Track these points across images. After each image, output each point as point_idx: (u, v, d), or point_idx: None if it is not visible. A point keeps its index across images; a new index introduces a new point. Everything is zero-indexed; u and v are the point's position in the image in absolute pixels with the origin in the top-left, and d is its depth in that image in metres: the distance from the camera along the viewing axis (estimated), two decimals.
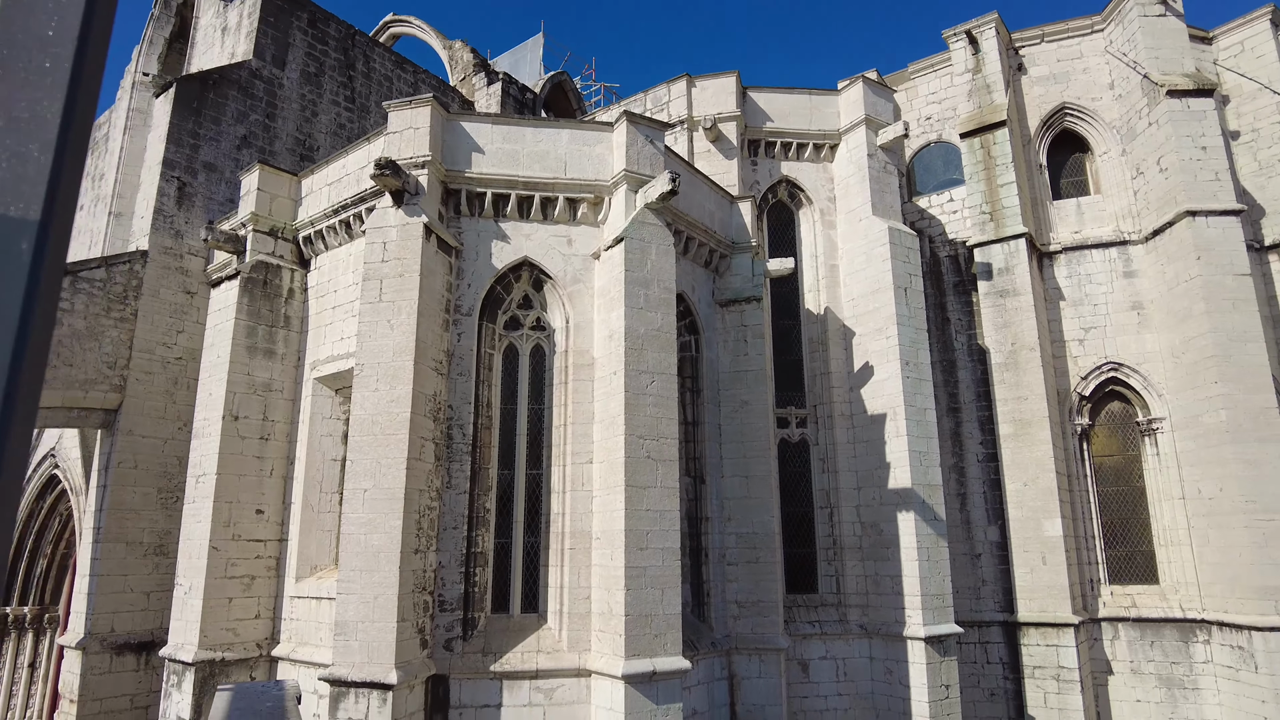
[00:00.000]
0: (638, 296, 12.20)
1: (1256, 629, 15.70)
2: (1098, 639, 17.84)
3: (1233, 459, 16.37)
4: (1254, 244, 19.10)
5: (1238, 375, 16.64)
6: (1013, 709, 17.41)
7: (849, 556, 16.24)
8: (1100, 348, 18.79)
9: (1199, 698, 16.98)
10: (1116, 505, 18.64)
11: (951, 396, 19.02)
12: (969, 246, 19.44)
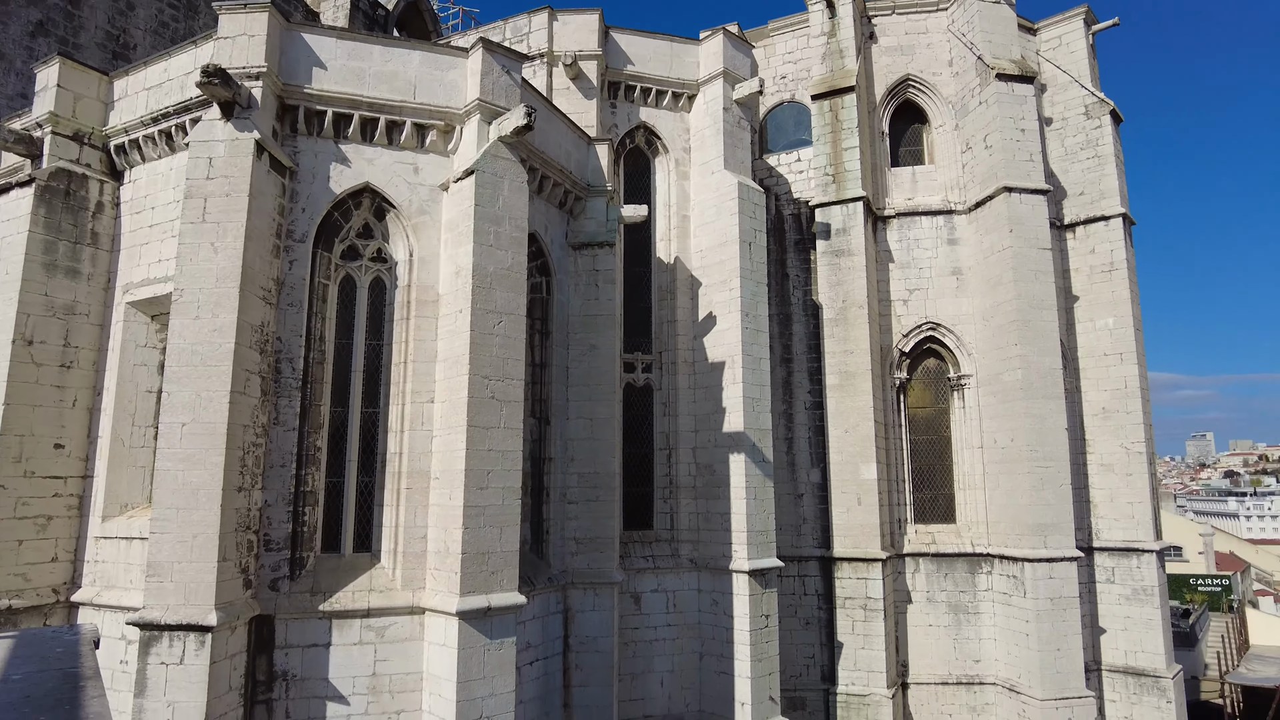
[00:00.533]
0: (488, 233, 11.95)
1: (1028, 560, 17.94)
2: (901, 572, 19.76)
3: (1023, 413, 18.39)
4: (1055, 222, 21.20)
5: (1034, 339, 18.59)
6: (824, 635, 19.09)
7: (684, 495, 17.01)
8: (922, 308, 20.38)
9: (979, 620, 19.27)
10: (926, 453, 20.53)
11: (786, 348, 20.09)
12: (811, 206, 20.37)
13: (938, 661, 19.29)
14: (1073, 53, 22.46)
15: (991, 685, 18.86)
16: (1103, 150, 21.60)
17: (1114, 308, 20.93)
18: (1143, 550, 20.11)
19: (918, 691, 19.22)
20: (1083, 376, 21.12)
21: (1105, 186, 21.45)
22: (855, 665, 18.51)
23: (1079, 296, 21.39)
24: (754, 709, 15.50)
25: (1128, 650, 20.02)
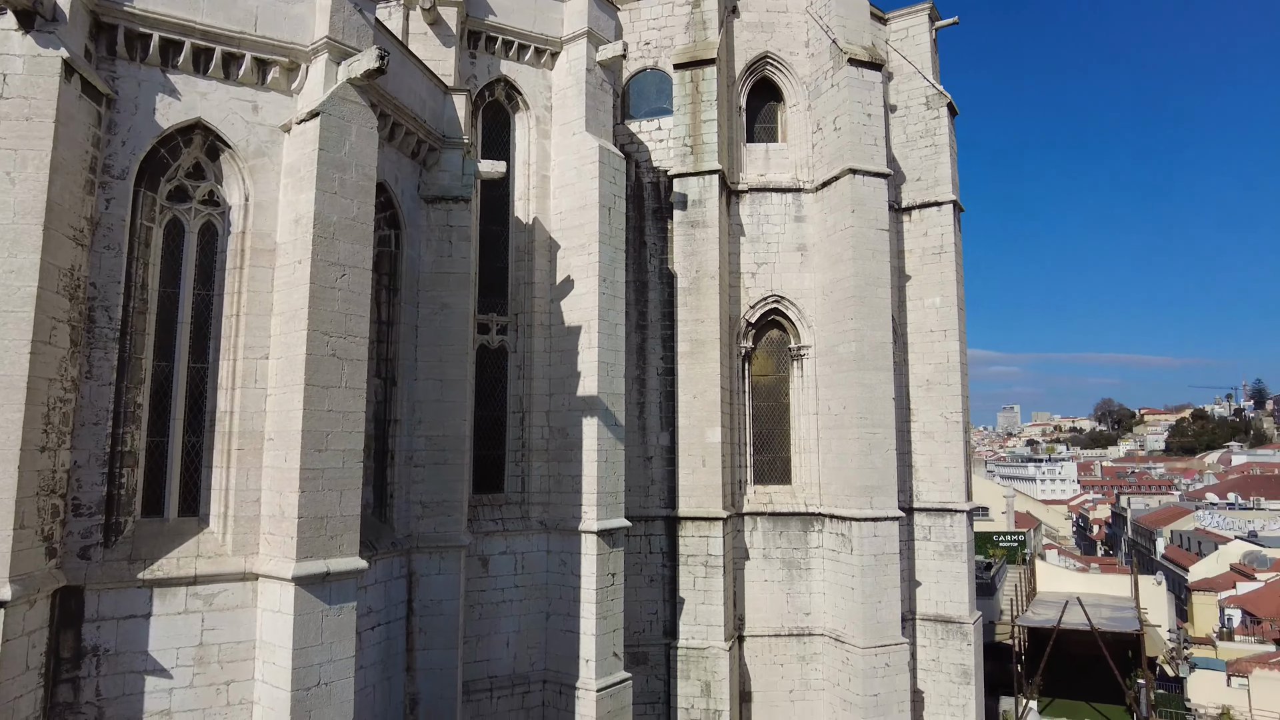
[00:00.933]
0: (333, 180, 11.30)
1: (855, 519, 19.34)
2: (741, 530, 20.76)
3: (855, 383, 19.66)
4: (894, 205, 22.61)
5: (868, 314, 19.83)
6: (668, 592, 19.80)
7: (536, 458, 17.03)
8: (769, 281, 21.25)
9: (810, 576, 20.62)
10: (766, 418, 21.56)
11: (641, 315, 20.40)
12: (670, 176, 20.64)
13: (772, 615, 20.51)
14: (918, 45, 23.85)
15: (820, 636, 20.30)
16: (939, 140, 23.17)
17: (941, 288, 22.68)
18: (956, 510, 22.15)
19: (753, 643, 20.38)
20: (910, 350, 22.82)
21: (940, 174, 23.06)
22: (695, 620, 19.36)
23: (911, 276, 23.01)
24: (598, 665, 15.92)
25: (938, 600, 22.09)
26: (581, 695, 15.92)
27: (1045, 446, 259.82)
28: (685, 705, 19.07)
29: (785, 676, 20.31)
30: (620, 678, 16.59)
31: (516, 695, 16.36)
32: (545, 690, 16.48)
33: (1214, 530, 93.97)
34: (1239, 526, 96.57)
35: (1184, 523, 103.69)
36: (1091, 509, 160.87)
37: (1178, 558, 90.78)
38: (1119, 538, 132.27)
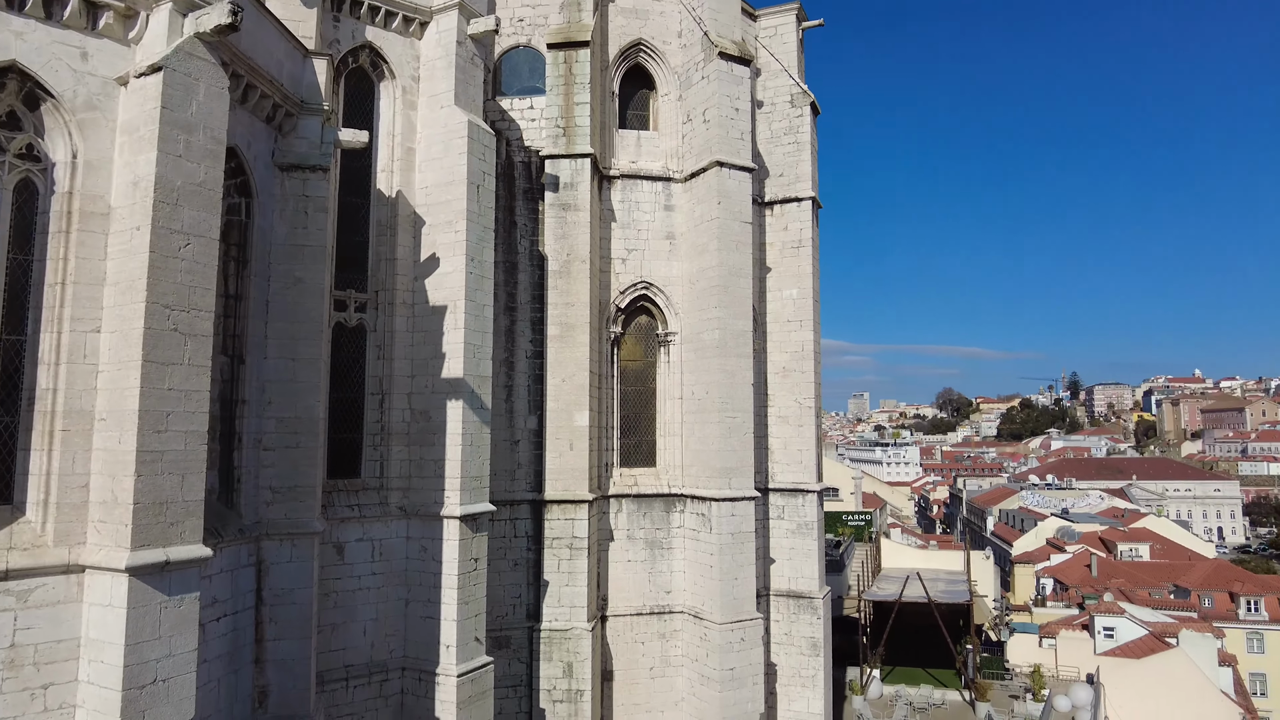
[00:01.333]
0: (177, 142, 10.48)
1: (714, 499, 20.01)
2: (606, 512, 21.02)
3: (718, 369, 20.29)
4: (757, 199, 23.41)
5: (731, 303, 20.48)
6: (532, 575, 19.79)
7: (396, 442, 16.55)
8: (638, 268, 21.54)
9: (671, 555, 21.17)
10: (634, 402, 21.90)
11: (510, 296, 20.17)
12: (541, 156, 20.47)
13: (634, 594, 20.93)
14: (785, 43, 24.71)
15: (680, 614, 20.91)
16: (801, 138, 24.16)
17: (798, 280, 23.74)
18: (808, 491, 23.33)
19: (615, 623, 20.73)
20: (769, 339, 23.79)
21: (801, 171, 24.07)
22: (559, 602, 19.47)
23: (771, 268, 23.94)
24: (459, 650, 15.74)
25: (791, 576, 23.23)
26: (442, 681, 15.70)
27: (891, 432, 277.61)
28: (547, 687, 19.17)
29: (646, 654, 20.80)
30: (482, 662, 16.48)
31: (374, 684, 15.94)
32: (405, 678, 16.14)
33: (1034, 508, 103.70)
34: (1054, 505, 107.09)
35: (1010, 502, 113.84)
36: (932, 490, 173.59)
37: (1004, 534, 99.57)
38: (955, 517, 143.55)
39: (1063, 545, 76.93)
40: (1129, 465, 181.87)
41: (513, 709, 19.30)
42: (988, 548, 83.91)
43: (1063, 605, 54.33)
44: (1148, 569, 68.49)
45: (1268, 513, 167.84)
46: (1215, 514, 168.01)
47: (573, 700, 19.13)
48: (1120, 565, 68.88)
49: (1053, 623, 46.25)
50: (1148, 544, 75.07)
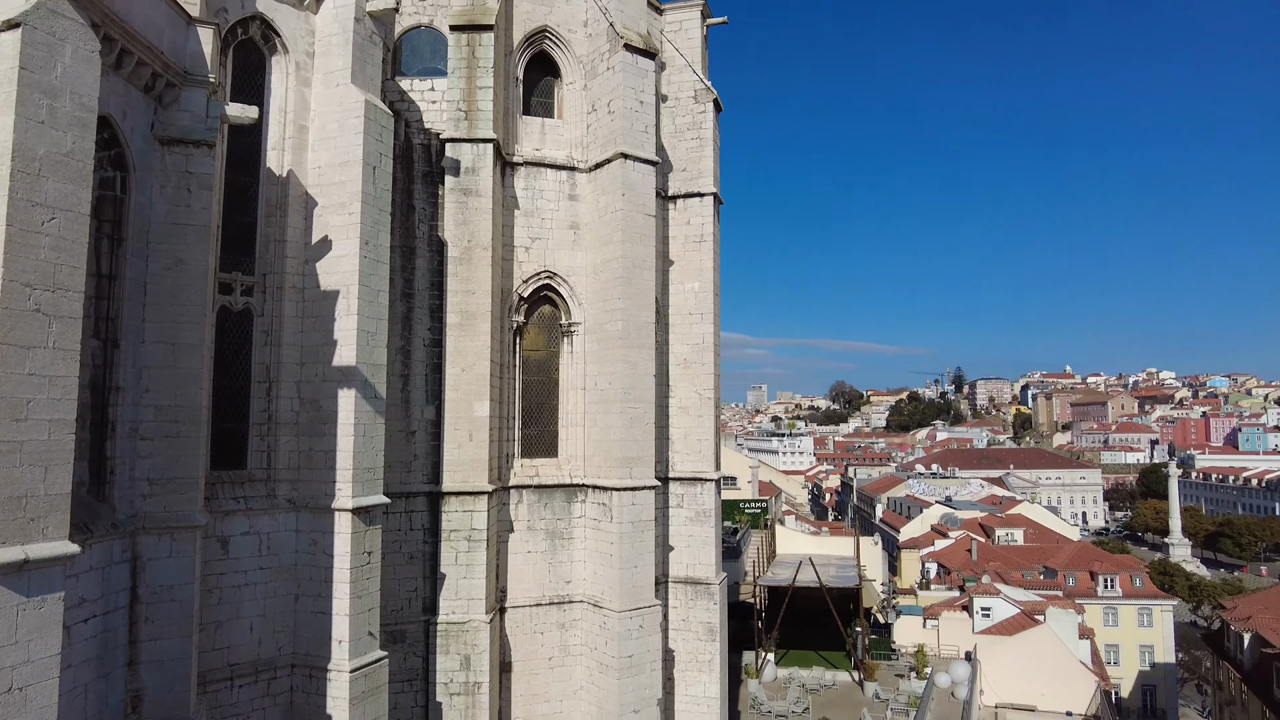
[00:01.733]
0: (39, 106, 9.71)
1: (616, 489, 20.16)
2: (506, 504, 20.84)
3: (620, 360, 20.41)
4: (661, 192, 23.62)
5: (634, 295, 20.62)
6: (428, 568, 19.44)
7: (284, 432, 15.92)
8: (542, 257, 21.39)
9: (572, 545, 21.20)
10: (536, 392, 21.78)
11: (407, 282, 19.67)
12: (442, 140, 20.02)
13: (534, 585, 20.86)
14: (690, 39, 24.97)
15: (580, 603, 20.97)
16: (704, 134, 24.51)
17: (700, 274, 24.12)
18: (706, 479, 23.79)
19: (514, 614, 20.61)
20: (671, 331, 24.09)
21: (703, 167, 24.42)
22: (456, 594, 19.20)
23: (674, 261, 24.23)
24: (351, 645, 15.32)
25: (689, 563, 23.65)
26: (334, 677, 15.26)
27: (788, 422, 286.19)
28: (444, 680, 18.90)
29: (545, 644, 20.79)
30: (376, 657, 16.10)
31: (261, 682, 15.34)
32: (294, 675, 15.60)
33: (920, 496, 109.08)
34: (939, 493, 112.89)
35: (898, 490, 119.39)
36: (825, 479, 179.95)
37: (892, 520, 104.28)
38: (847, 504, 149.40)
39: (946, 531, 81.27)
40: (1007, 455, 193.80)
41: (408, 703, 18.96)
42: (877, 534, 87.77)
43: (945, 588, 57.41)
44: (1021, 552, 73.16)
45: (1124, 498, 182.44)
46: (1080, 500, 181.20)
47: (470, 693, 18.93)
48: (997, 549, 73.30)
49: (936, 604, 48.81)
50: (1022, 529, 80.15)
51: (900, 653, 43.67)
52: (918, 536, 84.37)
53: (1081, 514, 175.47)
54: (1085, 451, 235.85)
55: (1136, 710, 65.30)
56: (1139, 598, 67.44)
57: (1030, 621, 43.03)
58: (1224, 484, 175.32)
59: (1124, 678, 65.95)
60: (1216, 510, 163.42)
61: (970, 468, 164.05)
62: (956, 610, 46.15)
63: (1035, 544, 76.78)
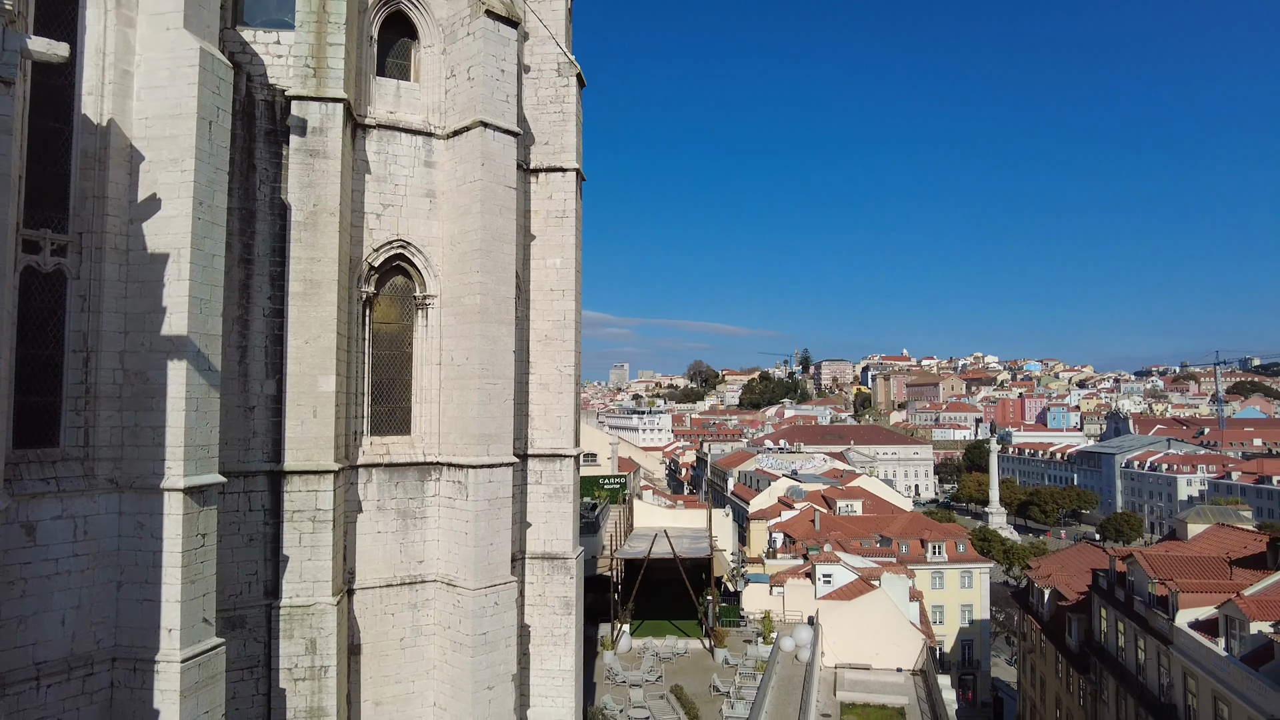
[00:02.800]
0: None
1: (472, 467, 19.85)
2: (354, 483, 20.06)
3: (479, 335, 20.03)
4: (523, 165, 23.28)
5: (494, 268, 20.26)
6: (270, 550, 18.44)
7: (106, 406, 14.57)
8: (395, 225, 20.56)
9: (425, 524, 20.71)
10: (387, 367, 21.01)
11: (246, 247, 18.38)
12: (288, 97, 18.77)
13: (384, 566, 20.25)
14: (554, 10, 24.62)
15: (433, 582, 20.56)
16: (567, 108, 24.30)
17: (562, 250, 24.01)
18: (565, 456, 23.85)
19: (363, 596, 19.95)
20: (532, 307, 23.88)
21: (565, 141, 24.24)
22: (300, 577, 18.35)
23: (536, 236, 23.98)
24: (184, 634, 14.34)
25: (546, 539, 23.69)
26: (163, 669, 14.21)
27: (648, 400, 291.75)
28: (288, 665, 18.06)
29: (397, 625, 20.27)
30: (212, 644, 15.13)
31: (75, 680, 14.06)
32: (115, 669, 14.40)
33: (769, 470, 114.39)
34: (786, 467, 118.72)
35: (748, 465, 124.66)
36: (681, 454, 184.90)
37: (742, 493, 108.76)
38: (701, 478, 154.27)
39: (792, 503, 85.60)
40: (848, 432, 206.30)
41: (248, 692, 17.99)
42: (728, 506, 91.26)
43: (791, 556, 60.47)
44: (860, 522, 78.30)
45: (951, 472, 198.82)
46: (914, 473, 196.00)
47: (316, 677, 18.20)
48: (838, 519, 78.03)
49: (782, 572, 51.39)
50: (861, 500, 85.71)
51: (748, 619, 45.75)
52: (766, 508, 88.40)
53: (914, 486, 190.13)
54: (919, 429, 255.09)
55: (957, 662, 71.74)
56: (962, 562, 73.97)
57: (867, 587, 46.20)
58: (1034, 458, 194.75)
59: (947, 635, 72.28)
60: (1028, 481, 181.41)
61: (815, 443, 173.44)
62: (801, 578, 48.82)
63: (873, 514, 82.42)
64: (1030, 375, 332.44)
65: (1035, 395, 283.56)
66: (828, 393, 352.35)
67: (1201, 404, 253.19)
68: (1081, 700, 47.37)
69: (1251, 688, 29.55)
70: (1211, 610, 34.24)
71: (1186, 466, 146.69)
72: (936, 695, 37.75)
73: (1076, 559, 58.03)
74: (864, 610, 44.51)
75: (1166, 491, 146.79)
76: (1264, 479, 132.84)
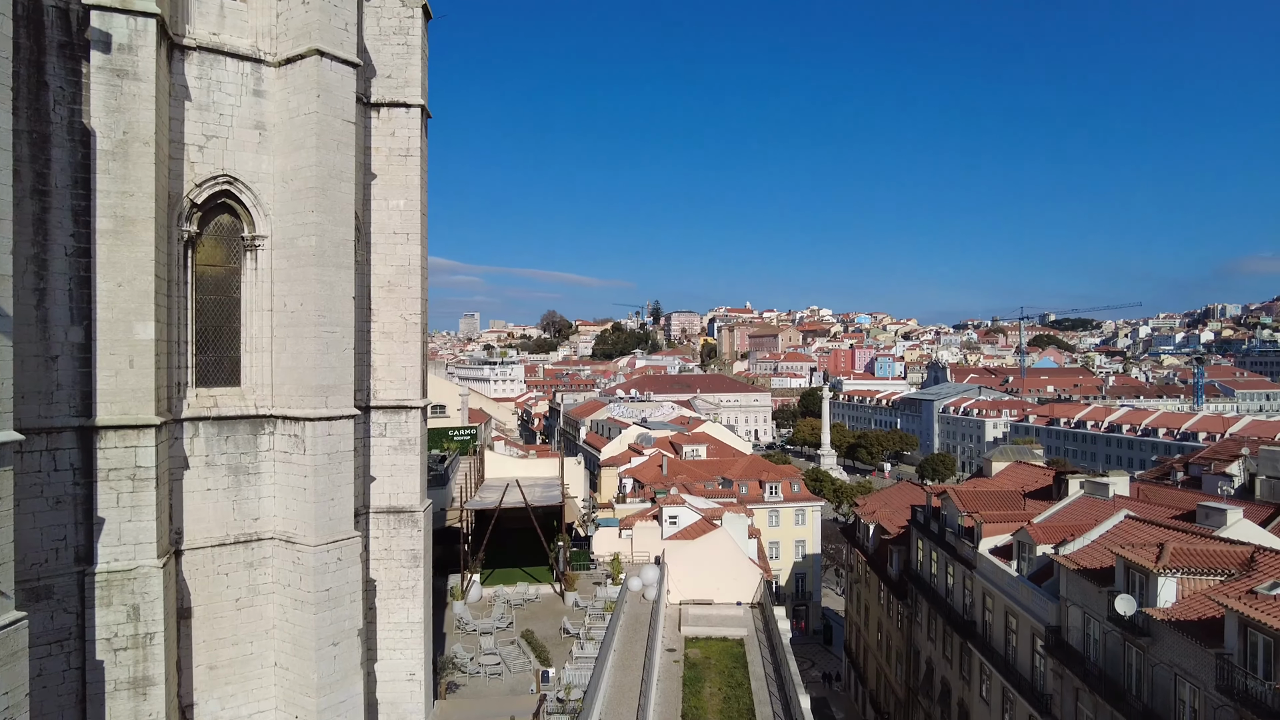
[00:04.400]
0: None
1: (309, 420, 18.91)
2: (179, 438, 18.62)
3: (315, 279, 18.92)
4: (363, 98, 21.90)
5: (330, 208, 19.10)
6: (81, 513, 16.86)
7: None
8: (219, 158, 18.86)
9: (260, 480, 19.62)
10: (213, 313, 19.47)
11: (41, 177, 16.24)
12: (87, 6, 16.59)
13: (216, 524, 19.06)
14: None
15: (270, 540, 19.59)
16: (412, 41, 22.99)
17: (406, 191, 22.92)
18: (411, 407, 23.17)
19: (193, 556, 18.74)
20: (373, 251, 22.74)
21: (410, 75, 22.98)
22: (120, 540, 16.94)
23: (377, 175, 22.74)
24: None
25: (392, 493, 23.06)
26: None
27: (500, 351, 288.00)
28: (107, 635, 16.72)
29: (232, 585, 19.23)
30: (10, 619, 13.67)
31: None
32: None
33: (620, 419, 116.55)
34: (636, 415, 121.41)
35: (600, 414, 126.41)
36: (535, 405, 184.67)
37: (594, 441, 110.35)
38: (554, 428, 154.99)
39: (641, 449, 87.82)
40: (695, 381, 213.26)
41: (57, 668, 16.53)
42: (580, 454, 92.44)
43: (640, 501, 62.22)
44: (704, 466, 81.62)
45: (788, 417, 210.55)
46: (754, 419, 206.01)
47: (141, 645, 16.99)
48: (685, 464, 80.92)
49: (630, 516, 52.81)
50: (705, 445, 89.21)
51: (599, 563, 46.86)
52: (616, 455, 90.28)
53: (755, 431, 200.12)
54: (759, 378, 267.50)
55: (791, 594, 77.04)
56: (796, 501, 78.94)
57: (710, 526, 48.38)
58: (863, 404, 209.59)
59: (782, 569, 77.30)
60: (856, 426, 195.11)
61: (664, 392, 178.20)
62: (648, 520, 50.41)
63: (716, 458, 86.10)
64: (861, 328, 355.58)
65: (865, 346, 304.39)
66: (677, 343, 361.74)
67: (1008, 355, 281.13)
68: (899, 623, 52.27)
69: (1035, 601, 33.66)
70: (1008, 537, 38.52)
71: (993, 411, 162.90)
72: (773, 625, 40.43)
73: (898, 496, 63.33)
74: (707, 549, 46.69)
75: (976, 434, 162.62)
76: (1054, 421, 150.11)
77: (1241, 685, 21.45)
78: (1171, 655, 24.94)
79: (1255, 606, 21.82)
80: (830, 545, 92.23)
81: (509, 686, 29.31)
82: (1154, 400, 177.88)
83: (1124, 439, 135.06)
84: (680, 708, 32.87)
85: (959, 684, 42.05)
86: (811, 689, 48.06)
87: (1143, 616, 26.06)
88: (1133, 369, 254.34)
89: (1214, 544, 27.66)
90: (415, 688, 23.17)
